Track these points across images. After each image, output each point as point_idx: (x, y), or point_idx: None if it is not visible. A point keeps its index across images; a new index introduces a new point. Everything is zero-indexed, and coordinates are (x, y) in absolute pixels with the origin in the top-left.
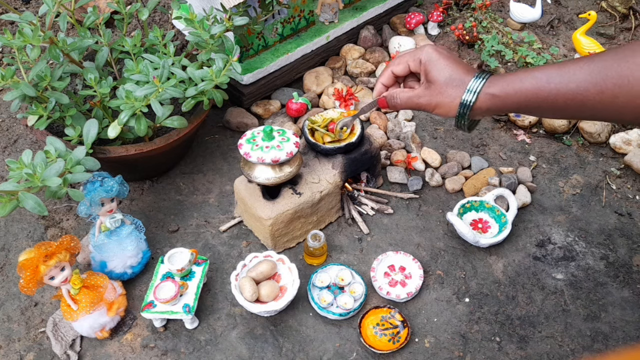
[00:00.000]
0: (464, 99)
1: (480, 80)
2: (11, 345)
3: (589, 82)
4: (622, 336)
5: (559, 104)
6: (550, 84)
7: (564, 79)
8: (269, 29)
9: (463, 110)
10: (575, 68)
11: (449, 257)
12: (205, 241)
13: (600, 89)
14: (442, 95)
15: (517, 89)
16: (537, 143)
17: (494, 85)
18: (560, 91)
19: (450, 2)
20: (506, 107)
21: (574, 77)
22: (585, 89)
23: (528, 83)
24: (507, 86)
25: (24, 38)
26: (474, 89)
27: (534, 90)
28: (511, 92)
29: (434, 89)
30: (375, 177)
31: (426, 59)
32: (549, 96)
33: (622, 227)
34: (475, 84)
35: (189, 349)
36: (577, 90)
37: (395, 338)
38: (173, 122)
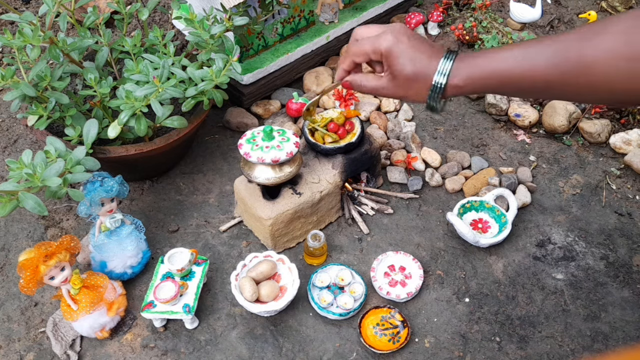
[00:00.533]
0: (432, 89)
1: (447, 64)
2: (11, 345)
3: (552, 65)
4: (622, 336)
5: (524, 87)
6: (513, 69)
7: (527, 63)
8: (269, 29)
9: (433, 98)
10: (538, 49)
11: (449, 257)
12: (205, 241)
13: (562, 70)
14: (407, 89)
15: (480, 76)
16: (537, 143)
17: (458, 74)
18: (525, 75)
19: (450, 2)
20: (473, 92)
21: (537, 60)
22: (547, 72)
23: (491, 70)
24: (470, 75)
25: (24, 38)
26: (441, 82)
27: (498, 76)
28: (475, 81)
29: (398, 82)
30: (375, 177)
31: (387, 51)
32: (514, 80)
33: (622, 227)
34: (441, 78)
35: (189, 349)
36: (541, 73)
37: (395, 338)
38: (173, 122)
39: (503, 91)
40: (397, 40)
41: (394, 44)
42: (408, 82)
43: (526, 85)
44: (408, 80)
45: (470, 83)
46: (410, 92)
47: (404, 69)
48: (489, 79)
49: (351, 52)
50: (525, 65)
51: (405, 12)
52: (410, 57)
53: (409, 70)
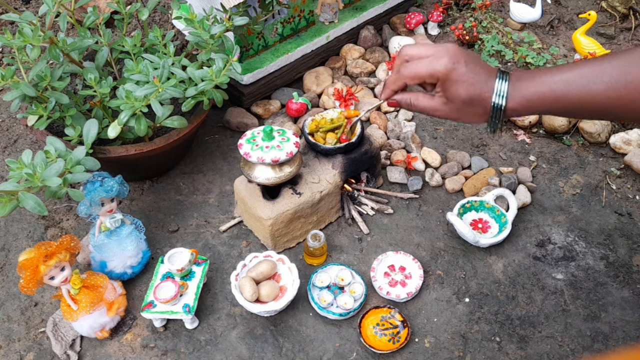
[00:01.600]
0: (493, 111)
1: (503, 84)
2: (11, 345)
3: (610, 90)
4: (622, 336)
5: (579, 110)
6: (569, 92)
7: (584, 89)
8: (269, 29)
9: (493, 121)
10: (596, 74)
11: (449, 257)
12: (205, 241)
13: (620, 95)
14: (462, 113)
15: (534, 100)
16: (537, 143)
17: (513, 97)
18: (581, 100)
19: (450, 2)
20: (527, 114)
21: (594, 85)
22: (606, 96)
23: (546, 93)
24: (525, 98)
25: (24, 38)
26: (500, 103)
27: (553, 100)
28: (530, 104)
29: (454, 106)
30: (375, 177)
31: (444, 76)
32: (569, 105)
33: (622, 227)
34: (499, 99)
35: (189, 349)
36: (598, 98)
37: (395, 338)
38: (173, 122)
39: (556, 112)
40: (454, 64)
41: (452, 70)
42: (464, 106)
43: (582, 108)
44: (464, 104)
45: (526, 105)
46: (465, 116)
47: (461, 95)
48: (544, 102)
49: (404, 75)
50: (583, 90)
51: (405, 12)
52: (468, 82)
53: (465, 96)
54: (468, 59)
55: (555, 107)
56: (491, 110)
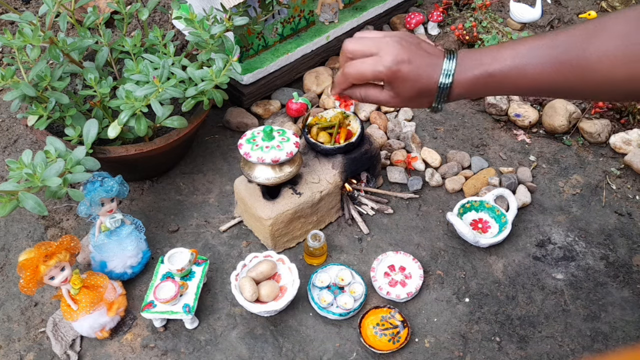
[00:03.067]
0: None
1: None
2: (11, 345)
3: (549, 68)
4: (622, 336)
5: (522, 87)
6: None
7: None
8: (269, 29)
9: (438, 100)
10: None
11: (449, 257)
12: (205, 241)
13: (562, 72)
14: (411, 103)
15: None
16: (537, 143)
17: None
18: (521, 77)
19: (450, 2)
20: (473, 96)
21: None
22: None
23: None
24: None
25: (24, 38)
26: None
27: (497, 81)
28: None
29: (402, 99)
30: (375, 177)
31: (389, 78)
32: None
33: (622, 227)
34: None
35: (189, 349)
36: (539, 77)
37: (395, 338)
38: (173, 122)
39: (503, 93)
40: (398, 64)
41: (396, 70)
42: (413, 98)
43: (525, 86)
44: (413, 97)
45: (470, 87)
46: (415, 104)
47: (408, 91)
48: (488, 82)
49: (350, 75)
50: (523, 69)
51: (405, 12)
52: (413, 79)
53: (413, 91)
54: (412, 54)
55: (498, 89)
56: (436, 90)
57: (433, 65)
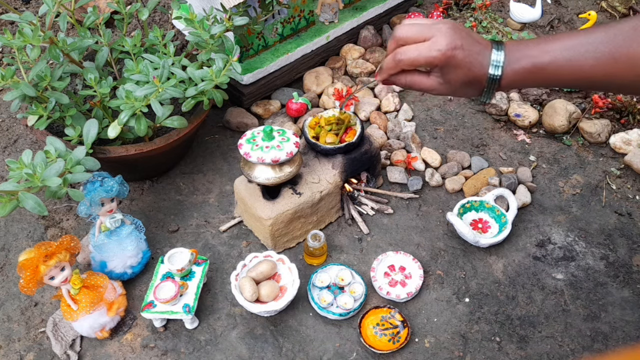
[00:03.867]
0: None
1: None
2: (11, 345)
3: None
4: (622, 336)
5: (567, 82)
6: (559, 67)
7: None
8: (269, 29)
9: (488, 92)
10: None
11: (449, 257)
12: (205, 241)
13: (608, 71)
14: (458, 92)
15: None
16: (537, 143)
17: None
18: (571, 73)
19: (450, 2)
20: (519, 87)
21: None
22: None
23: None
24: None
25: (24, 38)
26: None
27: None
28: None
29: (450, 87)
30: (375, 177)
31: (443, 64)
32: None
33: (622, 227)
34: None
35: (189, 349)
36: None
37: (395, 338)
38: (173, 122)
39: (547, 85)
40: (453, 50)
41: (451, 56)
42: (462, 86)
43: (571, 81)
44: (463, 85)
45: (516, 79)
46: (461, 93)
47: (460, 79)
48: (534, 76)
49: (401, 61)
50: (573, 66)
51: (405, 12)
52: (466, 67)
53: (465, 79)
54: (464, 40)
55: (544, 81)
56: (486, 81)
57: (484, 53)
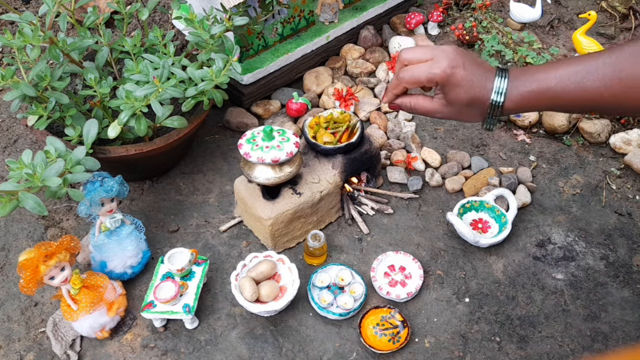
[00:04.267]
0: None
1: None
2: (11, 345)
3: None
4: (622, 336)
5: (574, 106)
6: (564, 91)
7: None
8: (269, 29)
9: (491, 118)
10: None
11: (449, 257)
12: (205, 241)
13: (614, 92)
14: (462, 113)
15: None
16: (537, 143)
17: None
18: (576, 97)
19: (450, 2)
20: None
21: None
22: (599, 94)
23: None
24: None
25: (24, 38)
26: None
27: (549, 98)
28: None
29: (453, 108)
30: (375, 177)
31: (443, 80)
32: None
33: (622, 227)
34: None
35: (189, 349)
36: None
37: (395, 338)
38: (173, 122)
39: (553, 109)
40: (453, 68)
41: (451, 75)
42: (464, 107)
43: (577, 105)
44: (465, 106)
45: (521, 103)
46: (465, 116)
47: (462, 98)
48: (540, 100)
49: (404, 79)
50: (578, 88)
51: (405, 12)
52: (467, 85)
53: (466, 98)
54: (466, 61)
55: (551, 103)
56: (489, 107)
57: (486, 76)
